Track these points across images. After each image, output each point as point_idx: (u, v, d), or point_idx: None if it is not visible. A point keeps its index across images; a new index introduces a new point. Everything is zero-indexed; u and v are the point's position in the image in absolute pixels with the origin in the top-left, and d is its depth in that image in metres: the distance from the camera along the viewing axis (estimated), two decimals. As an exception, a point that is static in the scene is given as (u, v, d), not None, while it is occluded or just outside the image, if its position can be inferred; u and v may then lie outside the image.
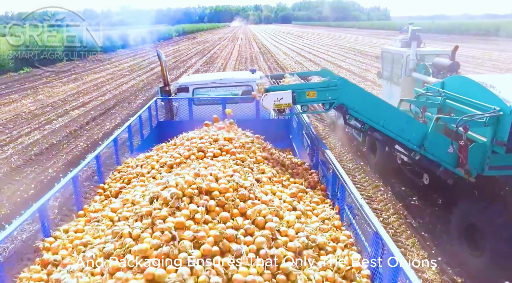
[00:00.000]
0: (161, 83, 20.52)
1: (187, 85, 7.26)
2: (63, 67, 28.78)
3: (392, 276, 2.27)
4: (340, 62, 27.93)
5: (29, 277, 2.58)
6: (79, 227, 3.20)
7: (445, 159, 5.04)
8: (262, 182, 3.59)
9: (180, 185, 2.92)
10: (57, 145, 10.18)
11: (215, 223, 2.70)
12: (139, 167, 4.24)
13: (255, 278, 2.34)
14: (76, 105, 15.08)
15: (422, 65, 8.06)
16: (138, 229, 2.63)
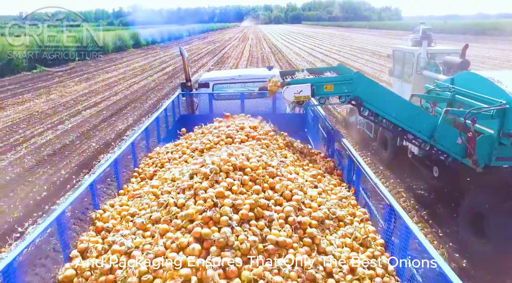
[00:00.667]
0: (172, 83, 20.45)
1: (208, 81, 7.53)
2: (75, 67, 28.94)
3: (403, 240, 2.56)
4: (352, 63, 27.52)
5: (87, 240, 2.98)
6: (123, 202, 3.60)
7: (453, 150, 5.29)
8: (286, 163, 3.95)
9: (217, 162, 3.28)
10: (69, 145, 10.09)
11: (249, 194, 3.07)
12: (170, 153, 4.63)
13: (286, 239, 2.70)
14: (88, 105, 15.05)
15: (433, 64, 8.27)
16: (182, 198, 3.00)
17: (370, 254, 2.85)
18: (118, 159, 3.89)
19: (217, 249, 2.54)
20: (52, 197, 7.10)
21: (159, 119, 5.68)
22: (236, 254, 2.53)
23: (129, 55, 38.81)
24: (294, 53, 36.26)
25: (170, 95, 16.93)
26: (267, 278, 2.41)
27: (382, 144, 8.45)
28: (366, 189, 3.60)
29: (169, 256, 2.55)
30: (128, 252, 2.70)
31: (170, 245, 2.64)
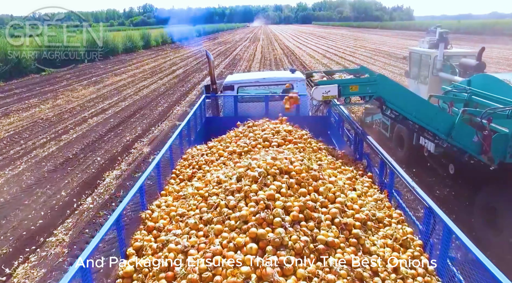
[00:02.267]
0: (184, 87, 19.63)
1: (233, 83, 7.65)
2: (84, 69, 28.37)
3: (445, 241, 2.61)
4: (370, 66, 26.35)
5: (141, 239, 3.08)
6: (169, 202, 3.63)
7: (470, 147, 5.60)
8: (324, 167, 3.98)
9: (263, 166, 3.39)
10: (72, 160, 9.28)
11: (297, 196, 3.15)
12: (205, 155, 4.69)
13: (334, 240, 2.79)
14: (95, 112, 14.28)
15: (449, 66, 8.52)
16: (233, 200, 3.12)
17: (410, 254, 2.94)
18: (160, 163, 3.94)
19: (272, 249, 2.65)
20: (49, 226, 6.26)
21: (190, 122, 5.68)
22: (290, 253, 2.65)
23: (139, 56, 38.19)
24: (307, 55, 35.19)
25: (181, 101, 16.12)
26: (320, 276, 2.54)
27: (398, 143, 8.59)
28: (399, 192, 3.71)
29: (227, 255, 2.65)
30: (184, 251, 2.80)
31: (227, 245, 2.76)
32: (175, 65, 29.94)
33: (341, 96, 5.19)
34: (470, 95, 6.22)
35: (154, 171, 3.79)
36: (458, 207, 6.56)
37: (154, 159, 4.03)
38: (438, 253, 2.80)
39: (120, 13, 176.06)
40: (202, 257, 2.65)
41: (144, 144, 10.43)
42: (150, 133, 11.45)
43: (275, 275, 2.43)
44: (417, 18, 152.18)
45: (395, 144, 8.77)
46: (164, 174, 4.18)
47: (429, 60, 9.05)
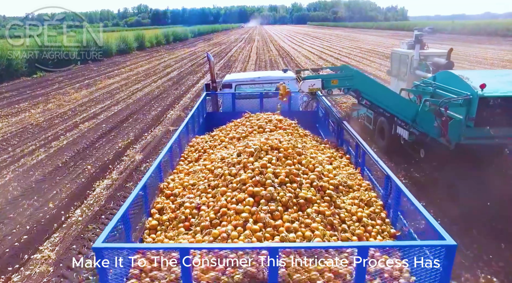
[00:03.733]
0: (178, 90, 19.32)
1: (231, 82, 8.45)
2: (77, 71, 27.95)
3: (396, 198, 3.46)
4: (365, 67, 26.24)
5: (162, 202, 3.84)
6: (181, 176, 4.37)
7: (431, 131, 6.71)
8: (307, 147, 4.80)
9: (258, 144, 4.13)
10: (62, 168, 8.96)
11: (284, 166, 3.85)
12: (209, 142, 5.46)
13: (312, 197, 3.55)
14: (86, 117, 13.94)
15: (424, 64, 9.74)
16: (234, 170, 3.84)
17: (372, 210, 3.69)
18: (171, 147, 4.66)
19: (265, 201, 3.41)
20: (34, 242, 5.96)
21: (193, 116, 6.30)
22: (278, 204, 3.40)
23: (133, 58, 37.76)
24: (303, 56, 35.01)
25: (175, 105, 15.83)
26: (300, 220, 3.29)
27: (380, 134, 9.51)
28: (369, 169, 4.46)
29: (230, 207, 3.40)
30: (197, 207, 3.55)
31: (230, 200, 3.49)
32: (169, 67, 29.60)
33: (324, 89, 6.31)
34: (435, 89, 7.20)
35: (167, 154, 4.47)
36: (428, 185, 7.53)
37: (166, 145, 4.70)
38: (392, 209, 3.60)
39: (115, 14, 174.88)
40: (212, 210, 3.40)
41: (136, 151, 10.13)
42: (143, 140, 11.15)
43: (266, 218, 3.23)
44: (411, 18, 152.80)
45: (377, 135, 9.74)
46: (175, 158, 4.95)
47: (407, 59, 10.24)
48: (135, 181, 8.13)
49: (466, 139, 6.39)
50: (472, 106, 6.20)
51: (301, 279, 2.65)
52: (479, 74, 7.61)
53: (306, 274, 2.66)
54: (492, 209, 6.07)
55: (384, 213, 3.65)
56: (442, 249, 2.46)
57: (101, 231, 6.13)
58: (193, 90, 18.89)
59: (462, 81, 6.55)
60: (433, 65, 9.40)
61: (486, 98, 6.14)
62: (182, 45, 56.52)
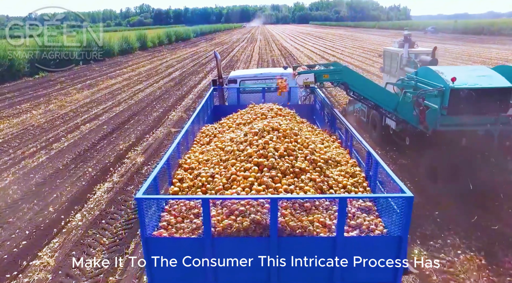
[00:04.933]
0: (180, 91, 19.22)
1: (236, 78, 9.29)
2: (79, 71, 27.90)
3: (374, 171, 4.13)
4: (368, 67, 26.09)
5: (181, 173, 4.45)
6: (196, 155, 5.01)
7: (411, 119, 7.63)
8: (303, 130, 5.53)
9: (261, 126, 4.74)
10: (62, 171, 8.87)
11: (282, 143, 4.46)
12: (218, 128, 6.06)
13: (306, 167, 4.18)
14: (88, 118, 13.87)
15: (412, 62, 10.70)
16: (242, 146, 4.49)
17: (355, 180, 4.31)
18: (187, 131, 5.29)
19: (267, 169, 4.00)
20: (33, 248, 5.87)
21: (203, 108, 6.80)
22: (278, 172, 4.00)
23: (135, 58, 37.71)
24: (305, 56, 34.85)
25: (177, 106, 15.73)
26: (296, 184, 3.93)
27: (372, 125, 10.40)
28: (357, 151, 5.06)
29: (239, 174, 3.98)
30: (212, 175, 4.17)
31: (239, 169, 4.07)
32: (171, 67, 29.52)
33: (317, 82, 7.33)
34: (416, 82, 7.94)
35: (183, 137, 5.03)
36: (412, 169, 8.42)
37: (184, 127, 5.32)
38: (372, 179, 4.22)
39: (117, 14, 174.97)
40: (224, 177, 4.02)
41: (137, 153, 10.04)
42: (144, 141, 11.05)
43: (268, 182, 3.83)
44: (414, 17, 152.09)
45: (370, 127, 10.68)
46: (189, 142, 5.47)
47: (397, 57, 11.23)
48: (136, 185, 8.03)
49: (441, 126, 7.13)
50: (445, 97, 6.98)
51: (295, 226, 3.31)
52: (454, 69, 8.48)
53: (299, 223, 3.34)
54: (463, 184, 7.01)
55: (366, 183, 4.29)
56: (404, 200, 3.13)
57: (101, 236, 6.08)
58: (195, 91, 18.79)
59: (437, 76, 7.31)
60: (420, 62, 10.26)
61: (456, 89, 6.89)
62: (185, 45, 56.46)
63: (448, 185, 7.13)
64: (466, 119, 7.04)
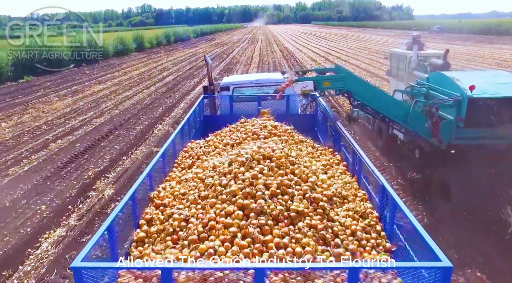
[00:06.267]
0: (171, 98, 17.46)
1: (228, 85, 8.28)
2: (67, 75, 26.21)
3: (392, 213, 3.39)
4: (376, 70, 24.29)
5: (151, 212, 3.70)
6: (173, 185, 4.24)
7: (422, 131, 6.92)
8: (302, 155, 4.66)
9: (250, 153, 4.04)
10: (8, 210, 7.11)
11: (276, 176, 3.76)
12: (203, 147, 5.33)
13: (304, 210, 3.41)
14: (61, 133, 12.12)
15: (422, 65, 9.79)
16: (225, 180, 3.75)
17: (367, 223, 3.54)
18: (165, 153, 4.62)
19: (254, 215, 3.32)
20: None
21: (189, 120, 6.23)
22: (268, 218, 3.30)
23: (130, 60, 36.04)
24: (308, 57, 33.07)
25: (165, 117, 13.99)
26: (291, 235, 3.19)
27: (378, 133, 9.69)
28: (366, 177, 4.25)
29: (219, 220, 3.30)
30: (186, 219, 3.44)
31: (219, 213, 3.38)
32: (166, 70, 27.80)
33: (316, 90, 6.47)
34: (428, 89, 7.29)
35: (159, 160, 4.36)
36: (421, 184, 7.66)
37: (159, 151, 4.58)
38: (388, 222, 3.52)
39: (119, 14, 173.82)
40: (200, 223, 3.31)
41: (108, 183, 8.28)
42: (119, 166, 9.30)
43: (255, 233, 3.14)
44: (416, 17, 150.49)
45: (376, 135, 9.90)
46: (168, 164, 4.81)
47: (405, 60, 10.28)
48: (96, 231, 6.26)
49: (457, 139, 6.51)
50: (461, 107, 6.33)
51: None
52: (470, 75, 7.74)
53: None
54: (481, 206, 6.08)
55: (380, 226, 3.58)
56: (438, 271, 2.47)
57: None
58: (188, 99, 17.04)
59: (453, 83, 6.66)
60: (431, 66, 9.53)
61: (475, 99, 6.23)
62: (183, 46, 54.75)
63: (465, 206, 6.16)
64: (486, 132, 6.33)
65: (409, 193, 7.69)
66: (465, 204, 6.15)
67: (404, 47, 10.82)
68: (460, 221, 6.14)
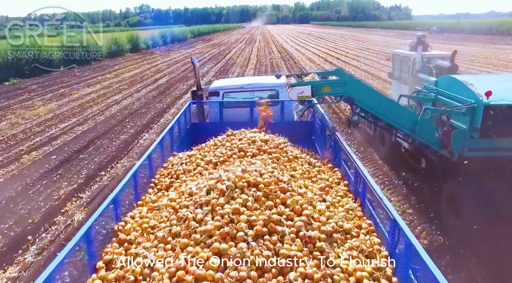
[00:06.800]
0: (162, 103, 16.44)
1: (218, 89, 7.66)
2: (56, 77, 25.16)
3: (406, 256, 2.78)
4: (378, 72, 23.31)
5: (112, 252, 3.13)
6: (143, 214, 3.66)
7: (432, 142, 6.27)
8: (296, 177, 4.04)
9: (232, 178, 3.45)
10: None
11: (263, 209, 3.20)
12: (184, 164, 4.75)
13: (297, 253, 2.88)
14: (38, 143, 11.08)
15: (427, 67, 9.24)
16: (200, 214, 3.17)
17: (375, 266, 2.98)
18: (137, 172, 4.01)
19: (233, 265, 2.74)
20: None
21: (172, 130, 5.62)
22: (251, 268, 2.75)
23: (124, 61, 35.01)
24: (307, 59, 32.07)
25: (153, 124, 12.97)
26: None
27: (380, 140, 9.03)
28: (372, 200, 3.65)
29: (190, 270, 2.73)
30: (151, 265, 2.88)
31: (191, 260, 2.82)
32: (159, 72, 26.76)
33: (314, 96, 5.85)
34: (436, 95, 6.73)
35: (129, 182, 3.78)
36: (428, 197, 7.06)
37: (132, 168, 4.00)
38: (402, 264, 2.91)
39: (117, 14, 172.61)
40: (167, 271, 2.75)
41: (80, 205, 7.26)
42: (96, 183, 8.27)
43: None
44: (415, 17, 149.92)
45: (378, 142, 9.22)
46: (144, 184, 4.25)
47: (409, 61, 9.69)
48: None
49: (470, 151, 6.01)
50: (476, 115, 5.84)
51: None
52: (482, 79, 7.10)
53: None
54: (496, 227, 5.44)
55: (391, 268, 2.97)
56: None
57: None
58: (179, 103, 16.02)
59: (465, 88, 6.14)
60: (436, 68, 9.00)
61: (492, 106, 5.74)
62: (180, 46, 53.74)
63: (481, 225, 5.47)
64: (503, 143, 5.86)
65: (415, 210, 6.88)
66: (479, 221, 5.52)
67: (407, 48, 10.36)
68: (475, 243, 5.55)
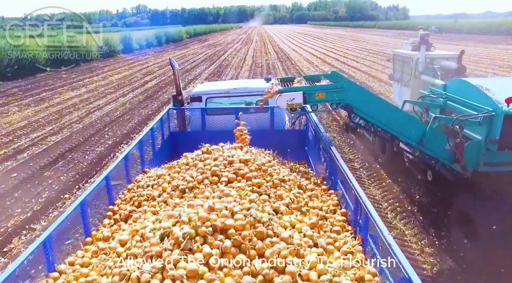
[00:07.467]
0: (147, 108, 15.08)
1: (200, 94, 7.11)
2: (40, 79, 23.89)
3: None
4: (379, 74, 22.20)
5: None
6: (85, 260, 3.11)
7: (442, 155, 5.54)
8: (281, 212, 3.42)
9: (193, 221, 2.80)
10: None
11: (231, 268, 2.56)
12: (150, 188, 4.23)
13: None
14: (2, 156, 9.83)
15: (431, 68, 8.59)
16: (147, 273, 2.55)
17: None
18: (87, 201, 3.38)
19: None
20: None
21: (143, 143, 5.01)
22: None
23: (115, 62, 33.74)
24: (304, 60, 30.90)
25: (135, 133, 11.73)
26: None
27: (381, 147, 8.55)
28: (376, 237, 2.89)
29: None
30: None
31: None
32: (150, 74, 25.52)
33: (307, 104, 5.10)
34: (445, 100, 6.18)
35: (76, 213, 3.22)
36: (435, 213, 6.51)
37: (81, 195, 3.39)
38: None
39: (113, 14, 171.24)
40: None
41: (30, 239, 6.02)
42: (56, 209, 7.03)
43: None
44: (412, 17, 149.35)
45: (378, 149, 8.71)
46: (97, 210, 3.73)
47: (411, 62, 9.06)
48: None
49: (486, 165, 5.44)
50: (495, 125, 5.21)
51: None
52: (500, 83, 6.64)
53: None
54: None
55: None
56: None
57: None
58: (167, 108, 14.78)
59: (481, 93, 5.52)
60: (442, 70, 8.34)
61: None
62: (175, 47, 52.53)
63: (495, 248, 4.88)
64: None
65: (436, 247, 5.79)
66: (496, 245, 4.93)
67: (409, 48, 9.61)
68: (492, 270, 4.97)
